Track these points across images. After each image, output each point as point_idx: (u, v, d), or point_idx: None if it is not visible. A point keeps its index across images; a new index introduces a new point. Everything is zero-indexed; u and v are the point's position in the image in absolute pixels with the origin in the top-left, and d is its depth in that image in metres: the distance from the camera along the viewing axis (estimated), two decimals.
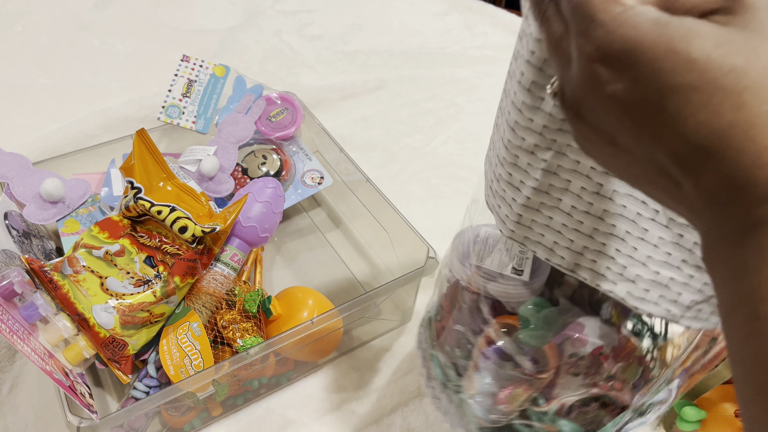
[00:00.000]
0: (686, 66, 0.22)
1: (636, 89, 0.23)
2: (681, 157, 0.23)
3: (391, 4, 1.13)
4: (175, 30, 1.03)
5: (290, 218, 0.75)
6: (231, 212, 0.57)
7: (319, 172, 0.72)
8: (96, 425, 0.45)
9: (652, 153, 0.24)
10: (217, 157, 0.66)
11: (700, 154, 0.22)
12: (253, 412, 0.57)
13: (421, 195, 0.79)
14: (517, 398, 0.44)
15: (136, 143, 0.58)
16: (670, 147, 0.23)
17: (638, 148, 0.25)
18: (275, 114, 0.73)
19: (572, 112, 0.27)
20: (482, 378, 0.45)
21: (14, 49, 0.97)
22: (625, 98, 0.24)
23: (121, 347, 0.51)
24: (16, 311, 0.47)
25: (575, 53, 0.25)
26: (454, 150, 0.86)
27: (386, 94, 0.94)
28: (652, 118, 0.23)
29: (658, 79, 0.23)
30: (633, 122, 0.24)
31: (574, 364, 0.41)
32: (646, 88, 0.23)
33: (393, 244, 0.66)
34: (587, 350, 0.41)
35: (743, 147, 0.22)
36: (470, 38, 1.06)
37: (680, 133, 0.23)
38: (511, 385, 0.43)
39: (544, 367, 0.42)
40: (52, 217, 0.60)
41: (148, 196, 0.54)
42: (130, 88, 0.90)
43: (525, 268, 0.44)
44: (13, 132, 0.83)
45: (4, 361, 0.59)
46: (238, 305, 0.57)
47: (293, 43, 1.03)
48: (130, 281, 0.52)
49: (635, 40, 0.23)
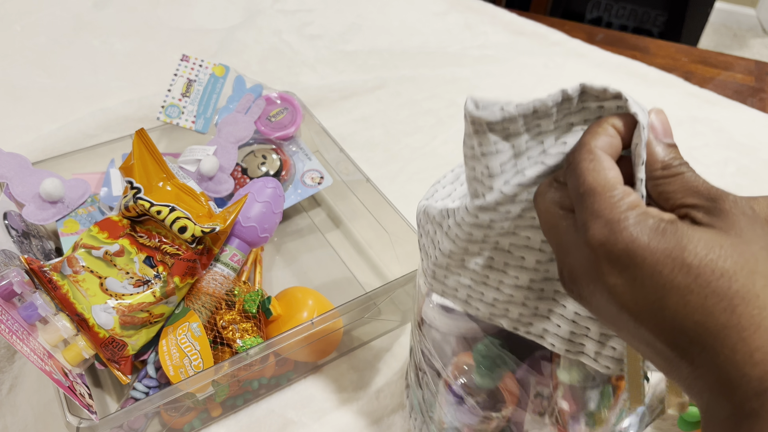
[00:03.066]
0: (682, 270, 0.25)
1: (635, 287, 0.26)
2: (678, 348, 0.25)
3: (391, 3, 1.13)
4: (175, 29, 1.03)
5: (290, 218, 0.74)
6: (231, 212, 0.57)
7: (319, 172, 0.71)
8: (95, 426, 0.45)
9: (650, 340, 0.26)
10: (216, 156, 0.66)
11: (697, 348, 0.25)
12: (253, 412, 0.57)
13: (421, 195, 0.78)
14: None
15: (136, 143, 0.58)
16: (668, 340, 0.25)
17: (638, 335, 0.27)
18: (275, 114, 0.73)
19: (574, 293, 0.29)
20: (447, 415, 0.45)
21: (14, 49, 0.97)
22: (625, 293, 0.26)
23: (120, 347, 0.51)
24: (16, 311, 0.47)
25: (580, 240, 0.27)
26: (454, 150, 0.86)
27: (386, 94, 0.94)
28: (652, 314, 0.25)
29: (657, 282, 0.25)
30: (632, 314, 0.26)
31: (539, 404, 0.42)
32: (645, 288, 0.25)
33: (393, 244, 0.66)
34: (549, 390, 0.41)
35: (736, 346, 0.24)
36: (470, 38, 1.06)
37: (678, 329, 0.25)
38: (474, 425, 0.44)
39: (501, 406, 0.42)
40: (51, 217, 0.60)
41: (147, 196, 0.54)
42: (130, 88, 0.90)
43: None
44: (13, 132, 0.83)
45: (4, 361, 0.59)
46: (237, 305, 0.57)
47: (293, 43, 1.03)
48: (129, 281, 0.52)
49: (637, 244, 0.25)
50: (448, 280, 0.38)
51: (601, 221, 0.26)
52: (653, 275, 0.25)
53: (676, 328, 0.25)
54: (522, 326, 0.36)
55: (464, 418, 0.44)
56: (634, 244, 0.25)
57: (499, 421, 0.43)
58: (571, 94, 0.29)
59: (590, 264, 0.27)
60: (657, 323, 0.25)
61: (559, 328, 0.35)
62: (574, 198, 0.28)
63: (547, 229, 0.30)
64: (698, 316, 0.24)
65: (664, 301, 0.25)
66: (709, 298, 0.24)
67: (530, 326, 0.36)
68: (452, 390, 0.44)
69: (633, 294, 0.26)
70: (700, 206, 0.26)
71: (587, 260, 0.27)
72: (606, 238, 0.26)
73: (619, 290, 0.26)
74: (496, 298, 0.36)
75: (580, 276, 0.28)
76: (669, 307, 0.25)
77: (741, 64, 1.04)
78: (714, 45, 2.39)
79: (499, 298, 0.36)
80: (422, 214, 0.41)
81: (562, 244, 0.29)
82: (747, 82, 1.00)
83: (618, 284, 0.26)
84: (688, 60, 1.04)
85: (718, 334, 0.24)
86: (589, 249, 0.27)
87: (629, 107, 0.28)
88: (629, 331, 0.27)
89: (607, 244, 0.26)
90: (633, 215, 0.26)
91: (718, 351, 0.24)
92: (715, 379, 0.24)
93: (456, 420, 0.45)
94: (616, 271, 0.26)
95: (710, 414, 0.25)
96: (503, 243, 0.34)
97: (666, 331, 0.25)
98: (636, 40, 1.08)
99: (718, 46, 2.38)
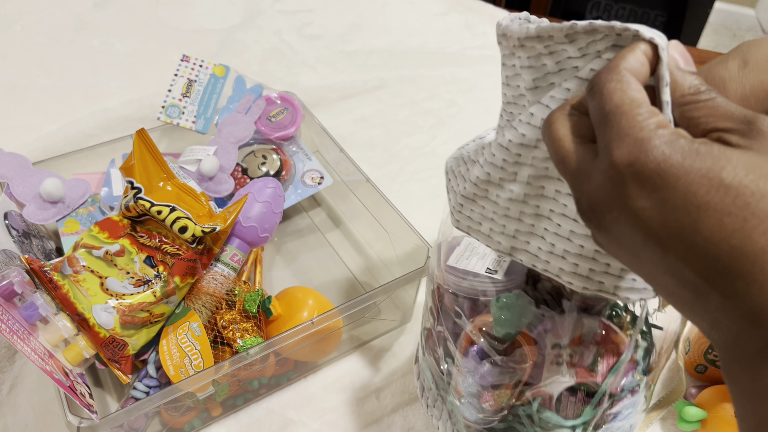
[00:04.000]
0: (720, 191, 0.23)
1: (666, 210, 0.24)
2: (710, 277, 0.24)
3: (391, 4, 1.13)
4: (175, 30, 1.03)
5: (290, 218, 0.75)
6: (231, 212, 0.57)
7: (319, 172, 0.72)
8: (96, 425, 0.45)
9: (678, 269, 0.24)
10: (217, 157, 0.66)
11: (731, 275, 0.23)
12: (253, 412, 0.57)
13: (421, 195, 0.79)
14: (502, 395, 0.44)
15: (136, 143, 0.58)
16: (700, 267, 0.24)
17: (663, 264, 0.25)
18: (275, 114, 0.73)
19: (593, 223, 0.27)
20: (465, 379, 0.45)
21: (14, 49, 0.97)
22: (654, 217, 0.24)
23: (121, 347, 0.51)
24: (16, 311, 0.47)
25: (602, 164, 0.25)
26: (454, 150, 0.86)
27: (386, 94, 0.94)
28: (682, 239, 0.24)
29: (691, 203, 0.23)
30: (660, 241, 0.24)
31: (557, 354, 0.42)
32: (677, 211, 0.23)
33: (393, 244, 0.66)
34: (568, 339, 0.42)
35: None
36: (470, 38, 1.06)
37: (712, 255, 0.23)
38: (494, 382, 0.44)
39: (522, 358, 0.43)
40: (51, 217, 0.60)
41: (148, 196, 0.54)
42: (130, 88, 0.90)
43: (499, 269, 0.46)
44: (13, 132, 0.83)
45: (4, 361, 0.59)
46: (238, 305, 0.57)
47: (293, 43, 1.03)
48: (130, 281, 0.52)
49: (670, 163, 0.23)
50: (474, 214, 0.39)
51: (629, 140, 0.24)
52: (687, 195, 0.23)
53: (710, 254, 0.23)
54: (540, 263, 0.37)
55: (485, 378, 0.44)
56: (666, 163, 0.23)
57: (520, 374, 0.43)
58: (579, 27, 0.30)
59: (614, 188, 0.25)
60: (689, 249, 0.23)
61: (576, 266, 0.35)
62: (597, 120, 0.26)
63: (560, 159, 0.28)
64: (736, 239, 0.22)
65: (699, 224, 0.23)
66: (749, 221, 0.22)
67: (548, 264, 0.36)
68: (473, 351, 0.44)
69: (663, 218, 0.24)
70: (734, 129, 0.25)
71: (611, 184, 0.25)
72: (636, 158, 0.24)
73: (647, 214, 0.24)
74: (518, 230, 0.37)
75: (600, 202, 0.26)
76: (704, 230, 0.23)
77: None
78: (713, 45, 2.39)
79: (520, 229, 0.37)
80: (452, 160, 0.43)
81: (578, 171, 0.27)
82: None
83: (646, 207, 0.24)
84: None
85: (756, 260, 0.22)
86: (614, 171, 0.25)
87: (643, 34, 0.28)
88: (653, 262, 0.25)
89: (637, 164, 0.24)
90: (665, 134, 0.24)
91: (755, 278, 0.22)
92: (749, 309, 0.23)
93: (476, 385, 0.45)
94: (645, 194, 0.24)
95: (738, 348, 0.24)
96: (523, 175, 0.35)
97: (698, 258, 0.23)
98: None
99: (718, 47, 2.38)
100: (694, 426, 0.54)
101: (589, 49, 0.30)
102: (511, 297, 0.43)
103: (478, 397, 0.45)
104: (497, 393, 0.44)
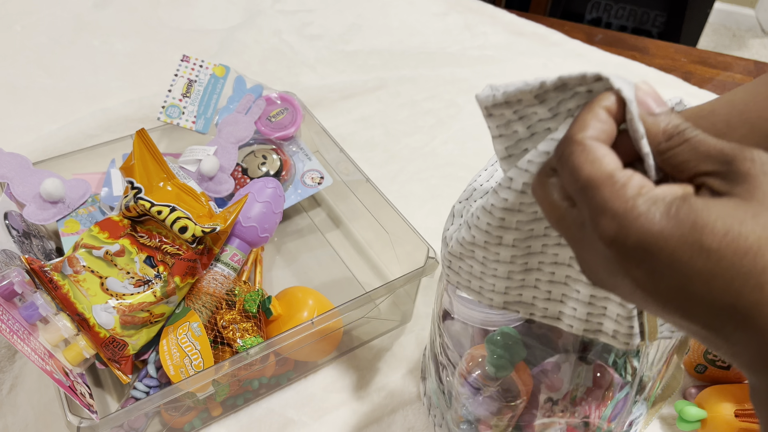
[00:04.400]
0: (702, 256, 0.23)
1: (656, 278, 0.24)
2: (713, 328, 0.24)
3: (391, 4, 1.13)
4: (175, 30, 1.03)
5: (290, 218, 0.75)
6: (231, 212, 0.57)
7: (319, 172, 0.72)
8: (96, 425, 0.45)
9: (683, 324, 0.25)
10: (217, 157, 0.66)
11: (731, 327, 0.23)
12: (253, 412, 0.57)
13: (421, 195, 0.79)
14: (499, 426, 0.44)
15: (136, 143, 0.58)
16: (699, 323, 0.24)
17: (669, 319, 0.25)
18: (275, 114, 0.73)
19: (597, 284, 0.28)
20: (463, 406, 0.46)
21: (14, 49, 0.97)
22: (647, 284, 0.24)
23: (121, 347, 0.51)
24: (16, 311, 0.47)
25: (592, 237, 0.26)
26: (454, 150, 0.86)
27: (386, 94, 0.94)
28: (679, 302, 0.24)
29: (677, 271, 0.23)
30: (659, 302, 0.25)
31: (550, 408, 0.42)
32: (666, 279, 0.24)
33: (393, 244, 0.66)
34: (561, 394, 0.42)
35: None
36: (470, 38, 1.06)
37: (708, 312, 0.24)
38: (489, 413, 0.44)
39: (515, 396, 0.43)
40: (52, 217, 0.60)
41: (148, 196, 0.54)
42: (130, 88, 0.90)
43: None
44: (13, 132, 0.83)
45: (4, 361, 0.59)
46: (238, 305, 0.57)
47: (293, 43, 1.03)
48: (130, 281, 0.52)
49: (651, 233, 0.24)
50: (462, 271, 0.39)
51: (608, 216, 0.24)
52: (672, 265, 0.23)
53: (706, 312, 0.24)
54: (537, 311, 0.37)
55: (480, 410, 0.44)
56: (646, 236, 0.24)
57: (514, 412, 0.43)
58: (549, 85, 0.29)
59: (607, 260, 0.25)
60: (685, 310, 0.24)
61: (575, 310, 0.35)
62: (574, 191, 0.26)
63: (554, 222, 0.28)
64: (727, 298, 0.23)
65: (689, 288, 0.23)
66: (736, 280, 0.23)
67: (545, 310, 0.36)
68: (468, 382, 0.44)
69: (654, 285, 0.24)
70: (715, 173, 0.24)
71: (603, 256, 0.26)
72: (616, 234, 0.24)
73: (641, 281, 0.24)
74: (508, 287, 0.37)
75: (599, 270, 0.27)
76: (695, 294, 0.23)
77: (740, 65, 1.04)
78: (713, 45, 2.39)
79: (511, 285, 0.36)
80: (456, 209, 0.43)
81: (573, 239, 0.27)
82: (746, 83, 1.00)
83: (638, 276, 0.24)
84: (687, 60, 1.04)
85: (749, 313, 0.23)
86: (602, 245, 0.25)
87: (612, 84, 0.27)
88: (661, 315, 0.26)
89: (619, 239, 0.24)
90: (640, 202, 0.24)
91: (755, 329, 0.23)
92: (752, 356, 0.23)
93: (472, 413, 0.45)
94: (633, 265, 0.24)
95: (755, 389, 0.25)
96: (508, 239, 0.34)
97: (696, 316, 0.24)
98: (635, 40, 1.08)
99: (718, 47, 2.38)
100: (694, 426, 0.54)
101: (560, 108, 0.30)
102: (505, 335, 0.43)
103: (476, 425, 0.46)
104: (494, 423, 0.44)
